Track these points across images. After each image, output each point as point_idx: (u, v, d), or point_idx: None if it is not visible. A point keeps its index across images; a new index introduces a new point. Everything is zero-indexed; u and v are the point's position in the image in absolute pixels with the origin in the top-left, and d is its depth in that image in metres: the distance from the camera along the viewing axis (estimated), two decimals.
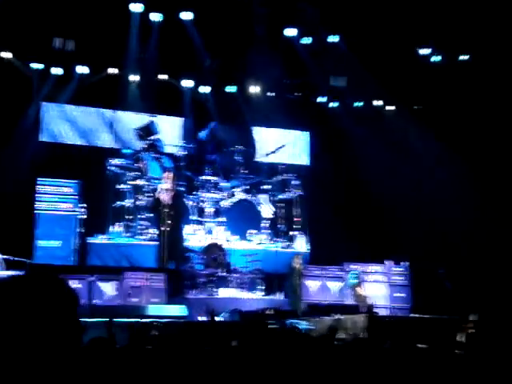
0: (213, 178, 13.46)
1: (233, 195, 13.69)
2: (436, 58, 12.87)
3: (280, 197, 14.01)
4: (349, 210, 13.71)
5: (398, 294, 12.42)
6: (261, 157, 14.40)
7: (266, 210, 13.77)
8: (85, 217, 12.71)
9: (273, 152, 14.20)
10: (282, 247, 13.43)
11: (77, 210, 12.67)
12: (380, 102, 14.01)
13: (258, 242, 13.23)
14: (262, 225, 13.56)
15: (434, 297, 11.41)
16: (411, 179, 13.31)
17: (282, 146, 14.29)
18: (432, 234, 12.79)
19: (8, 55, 11.48)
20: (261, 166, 14.29)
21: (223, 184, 13.60)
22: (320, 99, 14.27)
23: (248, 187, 13.80)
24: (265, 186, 13.97)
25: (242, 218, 13.60)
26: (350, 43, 12.96)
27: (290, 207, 13.98)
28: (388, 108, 14.04)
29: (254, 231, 13.34)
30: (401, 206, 13.23)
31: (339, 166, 14.04)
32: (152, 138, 13.54)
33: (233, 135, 14.22)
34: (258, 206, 13.73)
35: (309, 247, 13.61)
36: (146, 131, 13.63)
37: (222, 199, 13.53)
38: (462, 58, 12.58)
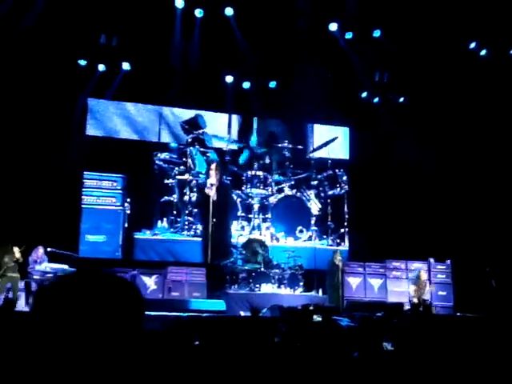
0: (261, 174, 13.26)
1: (281, 191, 13.57)
2: (483, 53, 12.58)
3: (329, 193, 13.79)
4: (389, 206, 13.53)
5: (441, 293, 12.25)
6: (310, 152, 14.20)
7: (314, 206, 13.65)
8: (129, 212, 12.81)
9: (324, 145, 13.88)
10: (331, 245, 13.29)
11: (122, 204, 12.77)
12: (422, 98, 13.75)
13: (305, 239, 13.10)
14: (312, 222, 13.38)
15: (478, 295, 11.21)
16: (456, 176, 13.05)
17: (334, 138, 13.96)
18: (477, 231, 12.55)
19: (56, 51, 11.64)
20: (309, 161, 14.05)
21: (271, 179, 13.39)
22: (363, 95, 14.08)
23: (293, 183, 13.63)
24: (313, 182, 13.78)
25: (290, 215, 13.42)
26: (392, 38, 12.79)
27: (339, 203, 13.74)
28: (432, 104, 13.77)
29: (302, 228, 13.21)
30: (445, 203, 13.02)
31: (379, 161, 13.85)
32: (198, 131, 13.50)
33: (281, 130, 14.12)
34: (308, 203, 13.56)
35: (347, 244, 13.55)
36: (193, 125, 13.57)
37: (269, 195, 13.37)
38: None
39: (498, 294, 10.68)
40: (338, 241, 13.59)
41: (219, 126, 14.04)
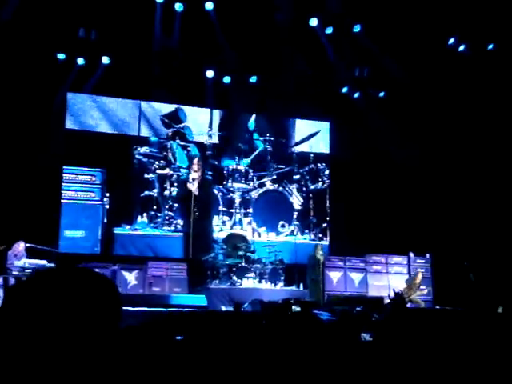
0: (242, 168, 13.17)
1: (262, 185, 13.51)
2: (462, 48, 12.68)
3: (311, 187, 13.77)
4: (370, 200, 13.60)
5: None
6: (292, 145, 14.14)
7: (296, 200, 13.62)
8: (108, 207, 12.65)
9: (306, 139, 13.86)
10: (313, 239, 13.33)
11: (101, 199, 12.60)
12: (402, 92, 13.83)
13: (287, 234, 13.07)
14: (294, 216, 13.34)
15: (456, 289, 11.33)
16: (436, 170, 13.15)
17: (316, 132, 13.93)
18: (456, 225, 12.67)
19: (34, 46, 11.49)
20: (291, 155, 14.01)
21: (253, 174, 13.30)
22: (343, 90, 14.10)
23: (275, 177, 13.57)
24: (295, 176, 13.74)
25: (272, 209, 13.36)
26: (372, 33, 12.83)
27: (321, 198, 13.77)
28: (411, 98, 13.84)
29: (283, 223, 13.18)
30: (425, 197, 13.13)
31: (360, 156, 13.88)
32: (179, 125, 13.37)
33: (262, 124, 14.05)
34: (290, 197, 13.53)
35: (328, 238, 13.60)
36: (173, 118, 13.42)
37: (251, 189, 13.29)
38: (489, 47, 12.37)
39: (476, 288, 10.81)
40: (320, 235, 13.64)
41: (200, 121, 13.88)
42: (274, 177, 13.63)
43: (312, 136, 13.86)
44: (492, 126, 12.47)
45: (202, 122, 13.84)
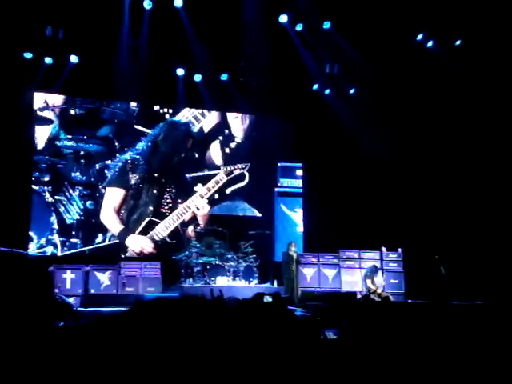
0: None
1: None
2: (430, 44, 12.81)
3: None
4: (342, 197, 13.66)
5: (393, 281, 12.49)
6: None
7: None
8: None
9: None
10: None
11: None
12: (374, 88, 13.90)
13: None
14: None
15: (428, 283, 11.46)
16: (405, 166, 13.26)
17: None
18: (426, 220, 12.81)
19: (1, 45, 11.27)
20: None
21: None
22: (314, 87, 14.11)
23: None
24: None
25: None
26: (341, 29, 12.86)
27: None
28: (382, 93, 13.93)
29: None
30: (395, 193, 13.24)
31: (331, 153, 13.93)
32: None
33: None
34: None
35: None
36: None
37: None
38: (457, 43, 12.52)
39: (447, 281, 10.96)
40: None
41: None
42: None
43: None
44: (463, 119, 12.63)
45: None
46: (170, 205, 12.48)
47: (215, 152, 13.57)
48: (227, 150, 13.68)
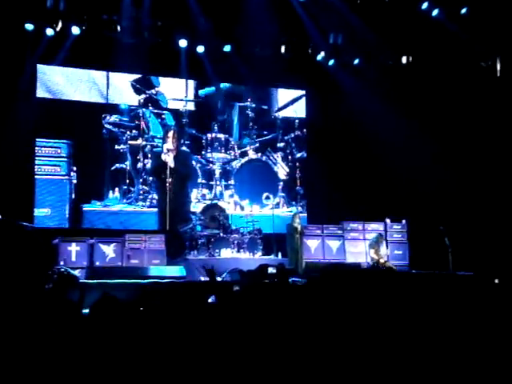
0: (222, 136, 12.52)
1: (244, 155, 12.89)
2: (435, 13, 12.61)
3: (298, 155, 13.27)
4: (346, 168, 13.59)
5: (397, 252, 12.52)
6: (275, 111, 13.53)
7: (282, 170, 13.03)
8: (75, 181, 12.02)
9: (290, 103, 13.31)
10: (301, 212, 12.86)
11: (67, 173, 11.98)
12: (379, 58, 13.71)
13: (272, 206, 12.48)
14: (279, 187, 12.92)
15: (432, 254, 11.48)
16: (410, 137, 13.18)
17: (301, 96, 13.37)
18: (431, 192, 12.77)
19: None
20: (274, 122, 13.44)
21: (234, 142, 12.62)
22: (318, 57, 13.91)
23: (258, 145, 12.97)
24: (280, 144, 13.16)
25: (255, 181, 12.83)
26: None
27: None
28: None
29: (268, 195, 12.69)
30: (400, 164, 13.18)
31: (336, 123, 13.81)
32: (151, 91, 12.64)
33: (242, 90, 13.52)
34: (275, 167, 12.97)
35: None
36: (144, 84, 12.65)
37: (233, 159, 12.70)
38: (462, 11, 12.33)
39: (451, 252, 10.97)
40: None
41: (175, 88, 13.27)
42: (257, 145, 13.14)
43: (296, 100, 13.46)
44: (471, 90, 12.51)
45: (176, 90, 13.17)
46: None
47: None
48: None
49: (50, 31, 11.94)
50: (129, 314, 3.19)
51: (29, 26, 11.71)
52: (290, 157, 13.41)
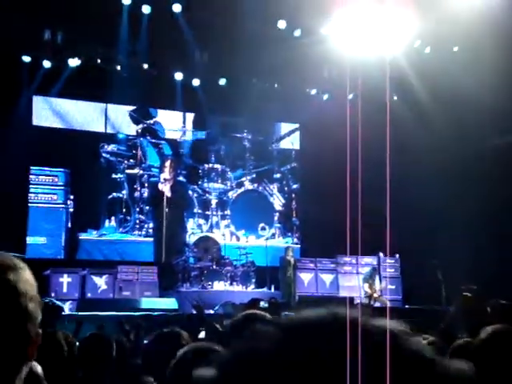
0: (218, 167, 12.51)
1: (241, 185, 12.93)
2: None
3: (294, 186, 13.29)
4: (340, 201, 13.56)
5: (390, 286, 12.47)
6: (273, 142, 13.62)
7: (277, 201, 13.06)
8: (72, 210, 11.97)
9: (287, 135, 13.43)
10: (296, 243, 12.90)
11: (64, 202, 11.92)
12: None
13: (268, 237, 12.50)
14: (275, 218, 12.93)
15: (425, 288, 11.44)
16: (401, 169, 13.19)
17: (296, 128, 13.50)
18: (422, 226, 12.78)
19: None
20: (271, 153, 13.51)
21: (230, 173, 12.66)
22: (312, 91, 14.01)
23: (254, 176, 13.04)
24: (276, 175, 13.21)
25: (251, 211, 12.80)
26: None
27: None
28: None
29: (264, 225, 12.74)
30: (392, 198, 13.15)
31: (328, 157, 13.83)
32: (149, 121, 12.69)
33: (238, 122, 13.64)
34: (271, 197, 13.01)
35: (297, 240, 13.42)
36: (142, 114, 12.73)
37: (228, 190, 12.71)
38: None
39: (444, 286, 10.93)
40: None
41: (173, 122, 13.34)
42: (254, 176, 13.18)
43: (292, 132, 13.58)
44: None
45: (174, 120, 13.26)
46: None
47: None
48: None
49: (47, 63, 12.04)
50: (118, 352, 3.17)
51: (26, 58, 11.80)
52: (286, 188, 13.44)
